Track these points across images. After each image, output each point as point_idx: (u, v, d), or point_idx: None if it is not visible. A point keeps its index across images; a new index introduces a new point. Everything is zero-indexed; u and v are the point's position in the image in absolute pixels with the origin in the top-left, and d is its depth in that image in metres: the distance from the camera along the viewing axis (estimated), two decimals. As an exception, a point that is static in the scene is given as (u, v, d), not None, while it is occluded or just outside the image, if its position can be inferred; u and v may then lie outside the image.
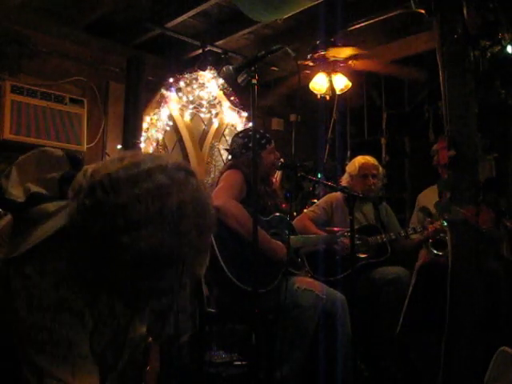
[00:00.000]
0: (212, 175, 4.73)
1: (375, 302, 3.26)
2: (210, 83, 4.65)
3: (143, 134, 4.44)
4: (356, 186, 3.60)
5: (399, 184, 5.53)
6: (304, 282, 2.82)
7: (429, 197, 3.67)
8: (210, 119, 4.85)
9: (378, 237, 3.48)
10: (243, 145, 3.02)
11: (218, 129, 4.96)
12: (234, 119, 4.81)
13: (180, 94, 4.60)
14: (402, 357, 3.08)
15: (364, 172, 3.65)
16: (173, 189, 0.94)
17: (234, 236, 2.68)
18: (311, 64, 4.79)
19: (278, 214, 2.99)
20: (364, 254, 3.43)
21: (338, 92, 5.03)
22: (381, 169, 3.77)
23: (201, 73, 4.62)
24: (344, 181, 3.75)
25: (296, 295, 2.73)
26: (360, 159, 3.73)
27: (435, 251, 3.46)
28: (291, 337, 2.71)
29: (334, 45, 4.54)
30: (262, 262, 2.61)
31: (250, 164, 2.57)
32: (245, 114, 4.79)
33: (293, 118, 5.84)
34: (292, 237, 2.76)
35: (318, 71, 4.90)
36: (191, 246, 0.95)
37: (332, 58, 4.74)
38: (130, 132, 4.26)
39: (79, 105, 4.25)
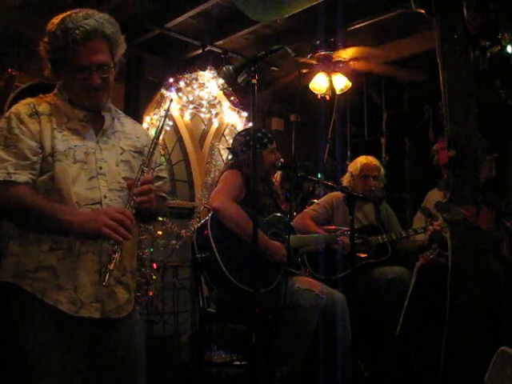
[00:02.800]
0: (212, 175, 4.73)
1: (375, 302, 3.25)
2: (209, 83, 4.64)
3: (143, 133, 4.42)
4: (357, 186, 3.60)
5: (399, 184, 5.52)
6: (304, 282, 2.82)
7: (436, 196, 3.67)
8: (210, 119, 4.85)
9: (379, 237, 3.48)
10: (244, 143, 3.01)
11: (218, 129, 4.96)
12: (234, 119, 4.80)
13: (180, 94, 4.59)
14: (401, 357, 3.08)
15: (365, 173, 3.65)
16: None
17: (232, 237, 2.68)
18: (312, 62, 4.78)
19: (277, 213, 2.99)
20: (364, 253, 3.43)
21: (338, 92, 5.02)
22: (382, 170, 3.76)
23: (201, 73, 4.60)
24: (345, 180, 3.75)
25: (296, 295, 2.72)
26: (362, 159, 3.73)
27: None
28: (291, 337, 2.71)
29: (334, 45, 4.54)
30: (262, 262, 2.61)
31: (250, 163, 2.56)
32: (245, 114, 4.78)
33: (293, 118, 5.84)
34: (292, 236, 2.76)
35: (318, 71, 4.90)
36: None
37: (334, 59, 4.73)
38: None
39: (79, 105, 4.24)
